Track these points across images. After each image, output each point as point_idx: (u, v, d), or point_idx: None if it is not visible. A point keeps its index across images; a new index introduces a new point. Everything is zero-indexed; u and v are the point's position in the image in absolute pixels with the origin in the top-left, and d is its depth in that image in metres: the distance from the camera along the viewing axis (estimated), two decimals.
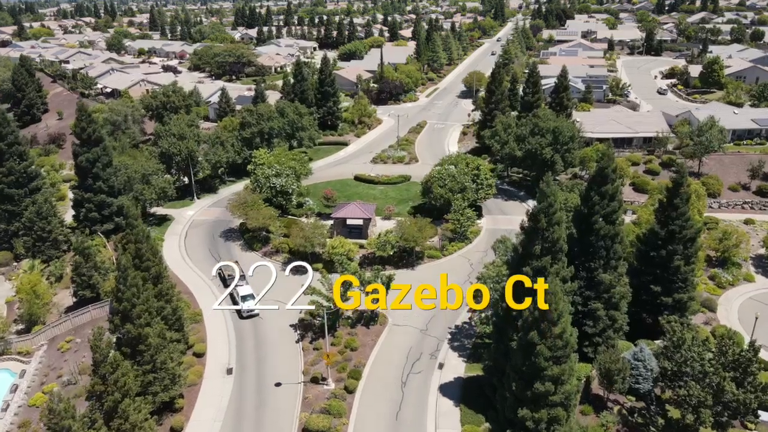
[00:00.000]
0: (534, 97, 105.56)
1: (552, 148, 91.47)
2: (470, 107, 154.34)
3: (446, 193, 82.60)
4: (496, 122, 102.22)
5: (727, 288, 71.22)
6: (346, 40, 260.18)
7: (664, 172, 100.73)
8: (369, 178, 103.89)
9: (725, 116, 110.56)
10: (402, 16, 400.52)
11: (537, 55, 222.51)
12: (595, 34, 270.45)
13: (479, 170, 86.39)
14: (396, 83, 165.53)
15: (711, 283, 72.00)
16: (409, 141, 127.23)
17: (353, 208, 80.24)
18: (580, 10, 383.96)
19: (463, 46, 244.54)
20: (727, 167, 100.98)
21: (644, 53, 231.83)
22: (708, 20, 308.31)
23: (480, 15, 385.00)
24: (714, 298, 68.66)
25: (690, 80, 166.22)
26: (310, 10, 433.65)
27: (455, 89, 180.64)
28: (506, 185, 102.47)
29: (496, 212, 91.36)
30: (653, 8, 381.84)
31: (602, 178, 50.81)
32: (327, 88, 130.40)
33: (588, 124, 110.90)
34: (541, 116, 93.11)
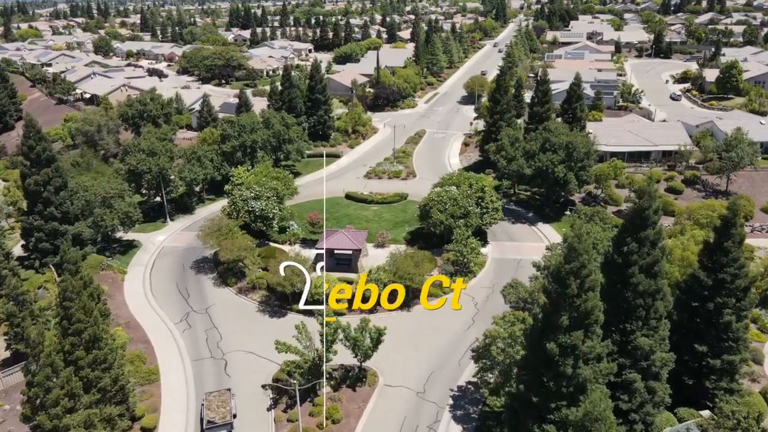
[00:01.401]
0: (544, 108, 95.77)
1: (565, 166, 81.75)
2: (472, 114, 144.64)
3: (447, 219, 72.87)
4: (502, 135, 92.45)
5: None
6: (343, 41, 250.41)
7: (688, 190, 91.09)
8: (361, 197, 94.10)
9: (751, 127, 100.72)
10: (401, 16, 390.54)
11: (542, 57, 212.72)
12: (601, 35, 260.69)
13: (484, 192, 76.64)
14: (393, 88, 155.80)
15: (753, 328, 62.15)
16: (407, 153, 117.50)
17: (341, 237, 70.46)
18: (584, 10, 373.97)
19: (463, 48, 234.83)
20: (758, 185, 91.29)
21: (653, 56, 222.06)
22: (716, 21, 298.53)
23: (481, 16, 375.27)
24: (759, 347, 58.94)
25: (705, 85, 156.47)
26: (307, 11, 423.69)
27: (456, 94, 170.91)
28: (513, 204, 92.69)
29: (502, 238, 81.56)
30: (658, 8, 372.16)
31: (642, 221, 40.96)
32: (318, 96, 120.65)
33: (601, 135, 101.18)
34: (552, 130, 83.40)
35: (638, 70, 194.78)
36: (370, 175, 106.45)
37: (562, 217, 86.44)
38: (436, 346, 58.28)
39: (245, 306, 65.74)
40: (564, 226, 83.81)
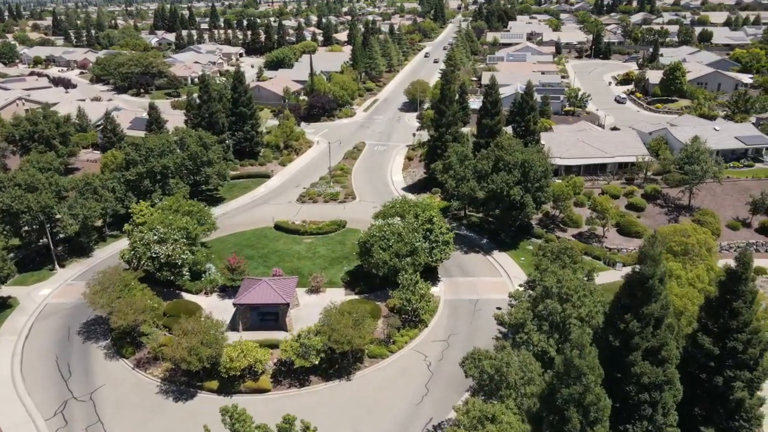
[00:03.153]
0: (494, 120, 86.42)
1: (521, 187, 72.50)
2: (414, 123, 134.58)
3: (391, 259, 61.88)
4: (450, 153, 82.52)
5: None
6: (276, 45, 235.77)
7: (650, 206, 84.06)
8: (293, 228, 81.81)
9: (705, 134, 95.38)
10: (338, 18, 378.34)
11: (484, 60, 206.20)
12: (541, 36, 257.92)
13: (432, 223, 66.14)
14: (329, 96, 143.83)
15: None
16: (345, 170, 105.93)
17: (265, 288, 58.13)
18: (521, 11, 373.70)
19: (403, 50, 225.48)
20: (720, 199, 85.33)
21: (593, 56, 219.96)
22: (649, 21, 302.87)
23: (419, 16, 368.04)
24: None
25: (649, 87, 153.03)
26: (239, 12, 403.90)
27: (397, 101, 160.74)
28: (464, 229, 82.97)
29: (455, 272, 71.41)
30: (591, 8, 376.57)
31: (645, 293, 31.25)
32: (243, 109, 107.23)
33: (555, 147, 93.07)
34: (506, 147, 74.01)
35: (580, 71, 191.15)
36: (303, 198, 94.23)
37: (520, 243, 77.37)
38: (382, 430, 47.10)
39: (144, 386, 52.40)
40: (522, 254, 74.75)
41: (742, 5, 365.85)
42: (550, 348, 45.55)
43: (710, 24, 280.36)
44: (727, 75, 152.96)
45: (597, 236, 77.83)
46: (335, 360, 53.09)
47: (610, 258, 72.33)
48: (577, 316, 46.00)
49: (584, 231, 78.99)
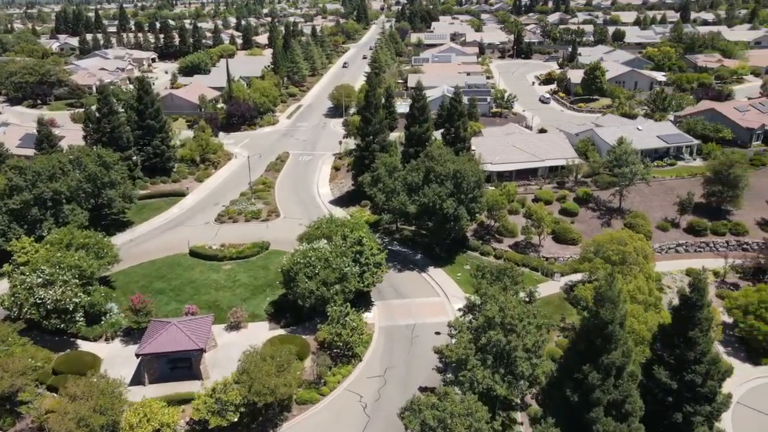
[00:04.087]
0: (423, 127, 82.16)
1: (455, 199, 68.55)
2: (341, 130, 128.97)
3: (318, 288, 55.99)
4: (378, 164, 77.53)
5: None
6: (191, 49, 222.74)
7: (583, 210, 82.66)
8: (211, 253, 74.08)
9: (629, 134, 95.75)
10: (258, 19, 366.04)
11: (408, 61, 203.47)
12: (464, 36, 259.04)
13: (362, 244, 60.75)
14: (249, 104, 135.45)
15: None
16: (267, 184, 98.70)
17: (174, 333, 50.66)
18: (443, 11, 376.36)
19: (326, 53, 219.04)
20: (649, 199, 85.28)
21: (515, 56, 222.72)
22: (565, 21, 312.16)
23: (342, 17, 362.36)
24: None
25: (571, 87, 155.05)
26: (151, 14, 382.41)
27: (321, 106, 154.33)
28: (396, 244, 78.25)
29: (389, 294, 66.41)
30: (510, 9, 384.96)
31: (604, 340, 27.25)
32: (150, 121, 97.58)
33: (486, 153, 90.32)
34: (436, 157, 69.80)
35: (504, 71, 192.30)
36: (222, 217, 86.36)
37: (456, 257, 73.52)
38: None
39: None
40: (459, 269, 70.91)
41: (648, 5, 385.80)
42: (496, 385, 41.37)
43: (621, 23, 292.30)
44: (642, 73, 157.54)
45: (533, 245, 75.30)
46: (258, 412, 46.61)
47: (548, 269, 69.79)
48: (523, 347, 42.08)
49: (520, 241, 76.25)
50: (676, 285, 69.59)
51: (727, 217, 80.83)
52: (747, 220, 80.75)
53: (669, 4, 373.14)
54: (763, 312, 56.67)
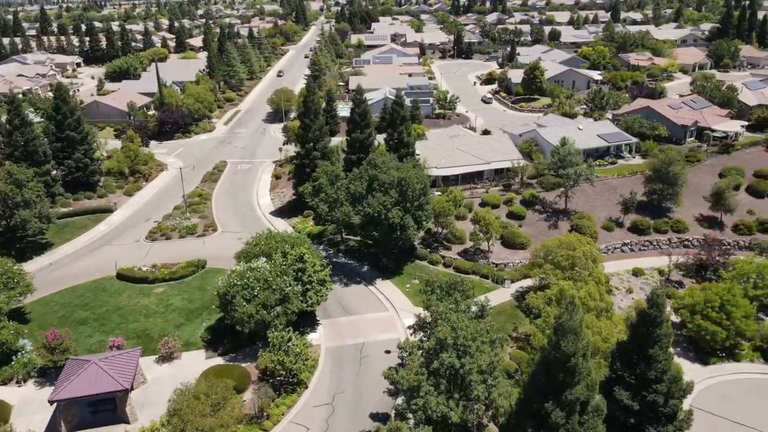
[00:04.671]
0: (365, 133, 78.98)
1: (400, 208, 65.80)
2: (281, 135, 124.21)
3: (258, 311, 51.89)
4: (319, 173, 73.83)
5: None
6: (120, 52, 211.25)
7: (530, 212, 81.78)
8: (140, 275, 68.32)
9: (571, 133, 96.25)
10: (192, 21, 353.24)
11: (350, 63, 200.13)
12: (404, 37, 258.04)
13: (304, 261, 56.96)
14: (183, 110, 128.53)
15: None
16: (204, 196, 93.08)
17: (94, 372, 45.35)
18: (383, 11, 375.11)
19: (265, 56, 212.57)
20: (593, 199, 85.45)
21: (455, 57, 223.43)
22: (503, 21, 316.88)
23: (281, 18, 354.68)
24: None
25: (512, 86, 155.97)
26: (77, 16, 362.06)
27: (261, 111, 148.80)
28: (342, 256, 74.84)
29: (335, 311, 62.94)
30: (449, 9, 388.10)
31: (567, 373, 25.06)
32: (71, 133, 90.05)
33: (431, 157, 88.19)
34: (380, 165, 66.82)
35: (445, 72, 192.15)
36: (154, 234, 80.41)
37: (405, 267, 70.82)
38: None
39: None
40: (408, 280, 68.24)
41: (581, 5, 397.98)
42: (451, 411, 38.72)
43: (556, 23, 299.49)
44: (579, 72, 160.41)
45: (482, 251, 73.62)
46: None
47: (498, 276, 68.16)
48: (477, 369, 39.63)
49: (469, 247, 74.42)
50: (623, 286, 69.53)
51: (668, 215, 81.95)
52: (687, 217, 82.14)
53: (600, 4, 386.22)
54: (709, 312, 56.79)
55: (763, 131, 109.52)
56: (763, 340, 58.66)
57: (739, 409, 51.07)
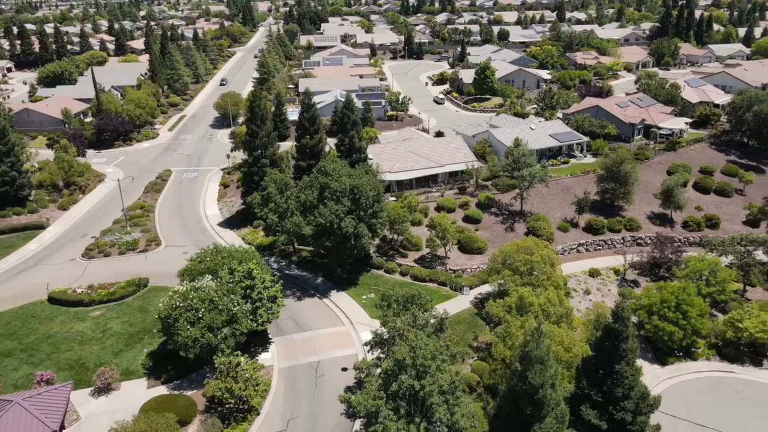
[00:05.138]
0: (314, 139, 75.92)
1: (353, 217, 63.22)
2: (228, 142, 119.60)
3: (203, 334, 48.29)
4: (267, 181, 70.42)
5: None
6: (54, 56, 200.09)
7: (486, 215, 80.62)
8: (74, 298, 63.21)
9: (524, 134, 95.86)
10: (134, 23, 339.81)
11: (299, 65, 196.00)
12: (354, 38, 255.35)
13: (253, 277, 53.59)
14: (123, 117, 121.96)
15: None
16: (146, 209, 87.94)
17: (17, 414, 40.80)
18: (332, 12, 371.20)
19: (210, 58, 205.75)
20: (548, 200, 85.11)
21: (406, 57, 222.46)
22: (452, 21, 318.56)
23: (227, 20, 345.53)
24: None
25: (464, 87, 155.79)
26: (8, 18, 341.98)
27: (207, 116, 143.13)
28: (294, 267, 71.72)
29: (288, 327, 59.82)
30: (399, 9, 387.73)
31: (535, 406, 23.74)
32: None
33: (384, 161, 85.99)
34: (330, 172, 64.00)
35: (397, 72, 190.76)
36: (91, 252, 75.00)
37: (360, 277, 68.32)
38: None
39: None
40: (364, 290, 65.76)
41: (527, 5, 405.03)
42: None
43: (505, 23, 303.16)
44: (529, 72, 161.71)
45: (439, 257, 71.85)
46: None
47: (456, 283, 66.51)
48: (438, 389, 37.50)
49: (426, 254, 72.55)
50: (581, 287, 69.13)
51: (621, 214, 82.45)
52: (639, 215, 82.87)
53: (545, 5, 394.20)
54: (666, 312, 56.70)
55: (706, 128, 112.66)
56: (718, 337, 59.13)
57: (699, 410, 51.04)
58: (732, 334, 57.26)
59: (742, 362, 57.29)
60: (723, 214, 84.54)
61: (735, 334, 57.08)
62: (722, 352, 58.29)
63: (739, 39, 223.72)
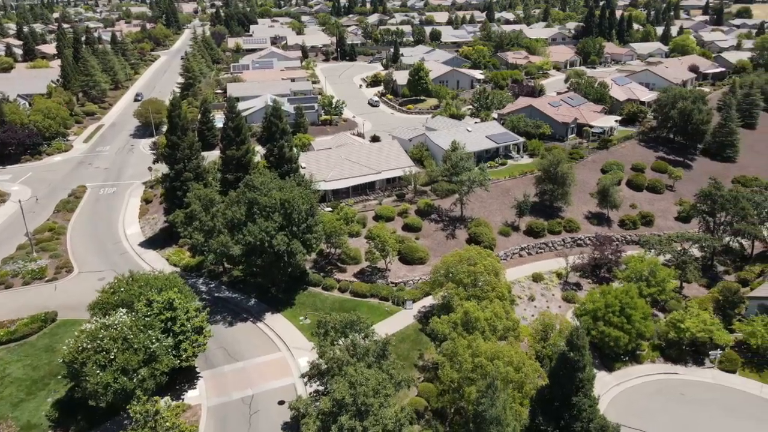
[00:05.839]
0: (241, 150, 70.62)
1: (286, 233, 58.78)
2: (150, 152, 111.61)
3: (116, 379, 42.62)
4: (190, 198, 64.74)
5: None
6: None
7: (426, 222, 77.99)
8: None
9: (461, 136, 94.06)
10: (46, 25, 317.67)
11: (227, 69, 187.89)
12: (285, 39, 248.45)
13: (174, 309, 48.21)
14: (30, 129, 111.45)
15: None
16: (56, 231, 79.74)
17: None
18: (262, 14, 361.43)
19: (131, 63, 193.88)
20: (488, 204, 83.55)
21: (339, 59, 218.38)
22: (384, 22, 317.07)
23: (150, 22, 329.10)
24: None
25: (398, 88, 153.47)
26: None
27: (128, 125, 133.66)
28: (225, 289, 66.51)
29: (218, 357, 54.71)
30: (330, 10, 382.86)
31: None
32: None
33: (317, 170, 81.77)
34: (259, 186, 59.24)
35: (330, 75, 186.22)
36: None
37: (297, 296, 63.94)
38: None
39: None
40: (301, 310, 61.46)
41: (457, 5, 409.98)
42: None
43: (436, 23, 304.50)
44: (462, 72, 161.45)
45: (380, 270, 68.52)
46: None
47: (398, 297, 63.36)
48: (382, 429, 33.98)
49: (365, 267, 68.99)
50: (525, 294, 67.64)
51: (560, 215, 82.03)
52: (577, 215, 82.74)
53: (475, 5, 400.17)
54: (611, 316, 55.78)
55: (634, 125, 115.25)
56: (661, 338, 58.91)
57: (648, 416, 50.27)
58: (674, 334, 57.12)
59: (685, 362, 57.23)
60: (656, 210, 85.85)
61: (677, 334, 56.96)
62: (666, 353, 58.10)
63: (657, 37, 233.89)
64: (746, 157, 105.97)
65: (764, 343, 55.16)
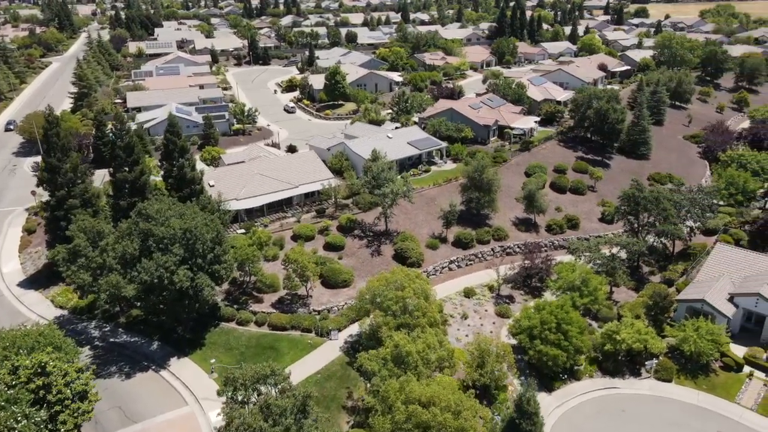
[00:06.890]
0: (134, 172, 61.88)
1: (189, 266, 51.39)
2: (30, 171, 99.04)
3: None
4: (73, 230, 55.68)
5: None
6: None
7: (349, 240, 72.57)
8: None
9: (381, 144, 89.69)
10: None
11: (128, 76, 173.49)
12: (192, 43, 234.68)
13: (47, 374, 39.79)
14: None
15: None
16: None
17: None
18: (167, 16, 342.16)
19: (16, 71, 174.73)
20: (413, 215, 79.31)
21: (252, 63, 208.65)
22: (298, 24, 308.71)
23: (40, 26, 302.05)
24: None
25: (315, 93, 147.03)
26: None
27: (10, 143, 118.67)
28: (122, 332, 58.03)
29: (112, 422, 46.63)
30: (242, 12, 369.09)
31: None
32: None
33: (227, 188, 74.33)
34: (153, 215, 51.42)
35: (242, 80, 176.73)
36: None
37: (207, 334, 56.59)
38: None
39: None
40: (212, 352, 54.25)
41: (372, 6, 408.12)
42: None
43: (351, 25, 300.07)
44: (380, 75, 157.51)
45: (301, 297, 62.36)
46: None
47: (322, 327, 57.51)
48: None
49: (284, 294, 62.58)
50: (457, 312, 63.72)
51: (488, 223, 79.19)
52: (505, 222, 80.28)
53: (389, 6, 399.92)
54: (548, 334, 52.82)
55: (552, 125, 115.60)
56: (596, 350, 56.80)
57: None
58: (610, 346, 55.05)
59: (623, 375, 55.31)
60: (580, 213, 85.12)
61: (613, 346, 54.94)
62: (602, 366, 55.98)
63: (565, 37, 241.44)
64: (658, 153, 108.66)
65: (697, 348, 54.17)
